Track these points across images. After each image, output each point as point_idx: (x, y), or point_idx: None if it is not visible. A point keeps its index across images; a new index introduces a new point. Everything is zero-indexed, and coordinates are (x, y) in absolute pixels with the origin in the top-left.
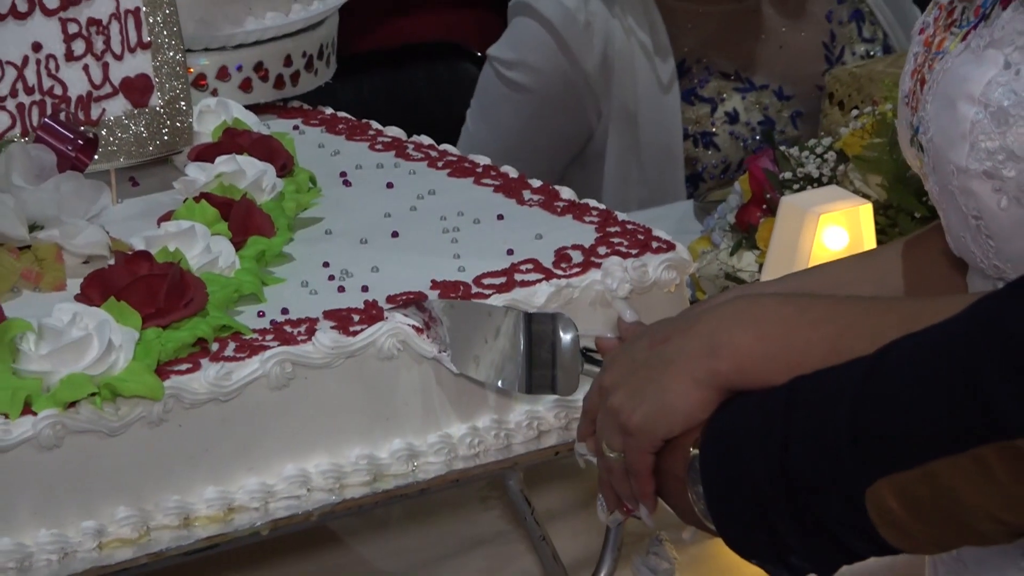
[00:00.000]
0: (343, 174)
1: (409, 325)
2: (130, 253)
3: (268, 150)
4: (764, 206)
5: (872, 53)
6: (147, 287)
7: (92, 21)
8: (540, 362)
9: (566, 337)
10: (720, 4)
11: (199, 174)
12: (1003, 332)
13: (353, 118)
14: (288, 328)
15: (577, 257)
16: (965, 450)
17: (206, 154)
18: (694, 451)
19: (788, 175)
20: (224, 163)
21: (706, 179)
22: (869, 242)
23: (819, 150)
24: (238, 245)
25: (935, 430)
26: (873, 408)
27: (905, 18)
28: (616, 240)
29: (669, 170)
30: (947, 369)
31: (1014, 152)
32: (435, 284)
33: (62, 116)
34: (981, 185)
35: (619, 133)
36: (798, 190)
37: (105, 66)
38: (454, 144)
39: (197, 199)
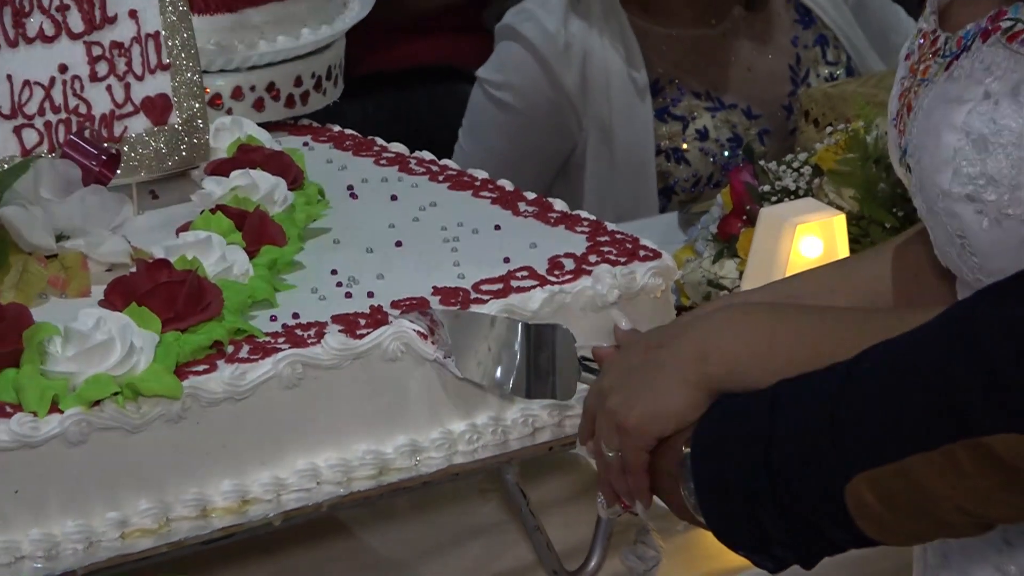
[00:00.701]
0: (350, 187)
1: (413, 330)
2: (150, 261)
3: (280, 165)
4: (744, 217)
5: (836, 75)
6: (167, 293)
7: (115, 44)
8: (540, 370)
9: (564, 347)
10: (691, 29)
11: (215, 187)
12: (971, 337)
13: (359, 135)
14: (299, 331)
15: (569, 265)
16: (936, 447)
17: (222, 169)
18: (686, 450)
19: (767, 188)
20: (238, 177)
21: (678, 192)
22: (843, 251)
23: (796, 165)
24: (252, 254)
25: (909, 428)
26: (851, 408)
27: (884, 39)
28: (606, 249)
29: (642, 183)
30: (920, 372)
31: (994, 178)
32: (436, 290)
33: (87, 133)
34: (964, 208)
35: (596, 148)
36: (776, 202)
37: (127, 86)
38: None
39: (213, 211)
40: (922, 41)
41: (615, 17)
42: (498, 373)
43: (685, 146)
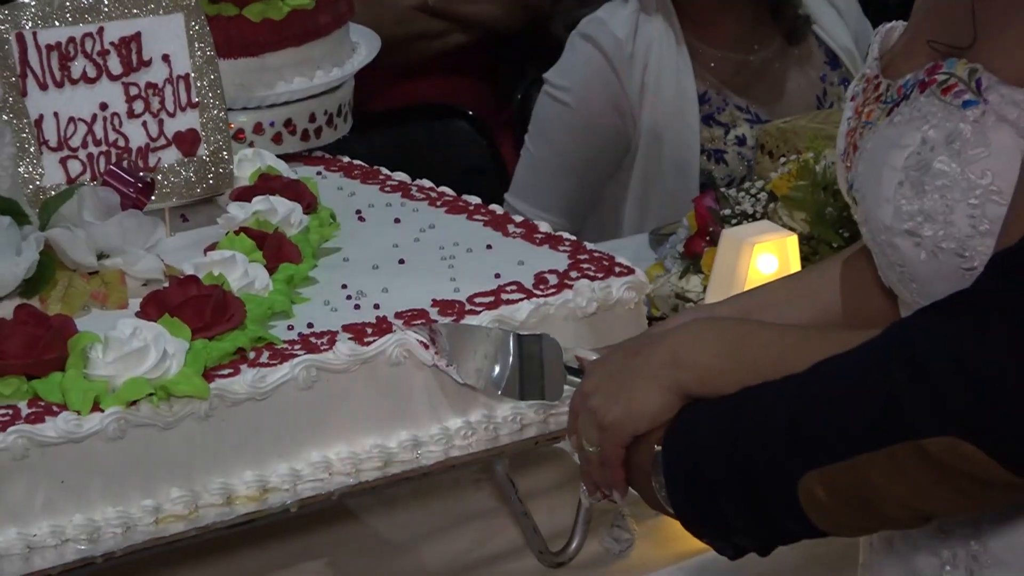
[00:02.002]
0: (358, 211)
1: (415, 339)
2: (181, 277)
3: (296, 192)
4: (708, 238)
5: None
6: (196, 305)
7: (150, 85)
8: (531, 375)
9: (551, 354)
10: (738, 53)
11: (239, 212)
12: (910, 351)
13: (366, 165)
14: (313, 339)
15: (553, 280)
16: (880, 448)
17: (244, 195)
18: (658, 447)
19: (727, 212)
20: (259, 203)
21: (715, 188)
22: (795, 267)
23: (753, 191)
24: (271, 270)
25: (856, 431)
26: (805, 413)
27: None
28: (585, 266)
29: (686, 180)
30: (866, 381)
31: (930, 215)
32: (435, 302)
33: (125, 164)
34: (904, 241)
35: (647, 146)
36: (736, 224)
37: (160, 122)
38: (451, 188)
39: (237, 232)
40: (866, 85)
41: (675, 36)
42: (493, 377)
43: (725, 148)
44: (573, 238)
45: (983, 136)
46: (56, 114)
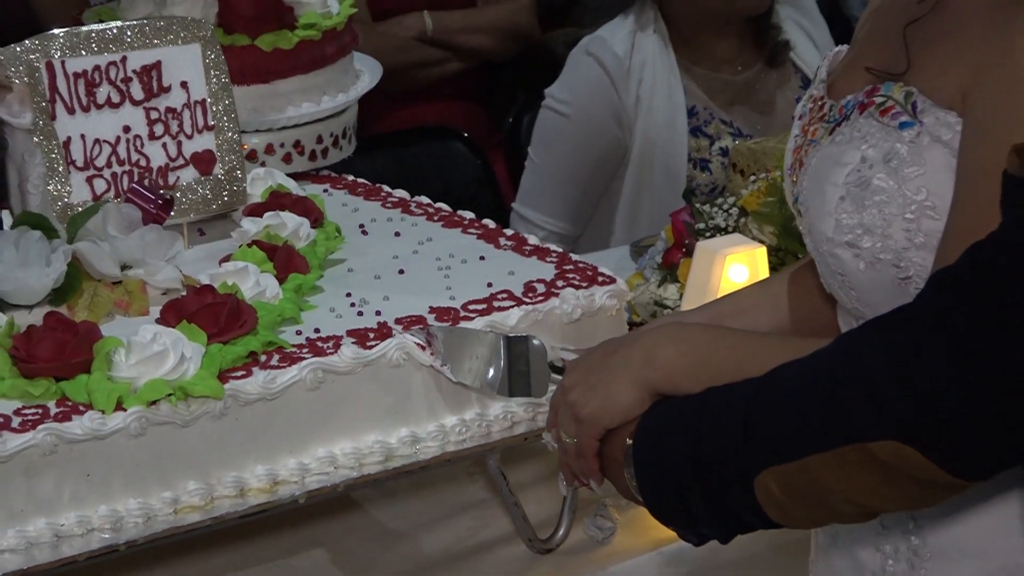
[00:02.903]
0: (361, 226)
1: (414, 342)
2: (198, 286)
3: (304, 208)
4: (684, 249)
5: None
6: (211, 312)
7: (169, 109)
8: (518, 373)
9: (537, 355)
10: (724, 73)
11: (251, 226)
12: (858, 361)
13: (369, 183)
14: (319, 343)
15: (541, 288)
16: (830, 449)
17: (256, 211)
18: (629, 441)
19: (702, 226)
20: (270, 218)
21: (698, 195)
22: (764, 276)
23: (725, 207)
24: (281, 280)
25: (807, 434)
26: (761, 415)
27: None
28: (570, 275)
29: (674, 186)
30: (817, 387)
31: (869, 228)
32: (432, 309)
33: (146, 182)
34: (844, 251)
35: (640, 154)
36: (709, 237)
37: (179, 144)
38: (448, 203)
39: (249, 245)
40: (812, 105)
41: (667, 55)
42: (486, 377)
43: (710, 157)
44: (560, 250)
45: (919, 155)
46: (83, 136)
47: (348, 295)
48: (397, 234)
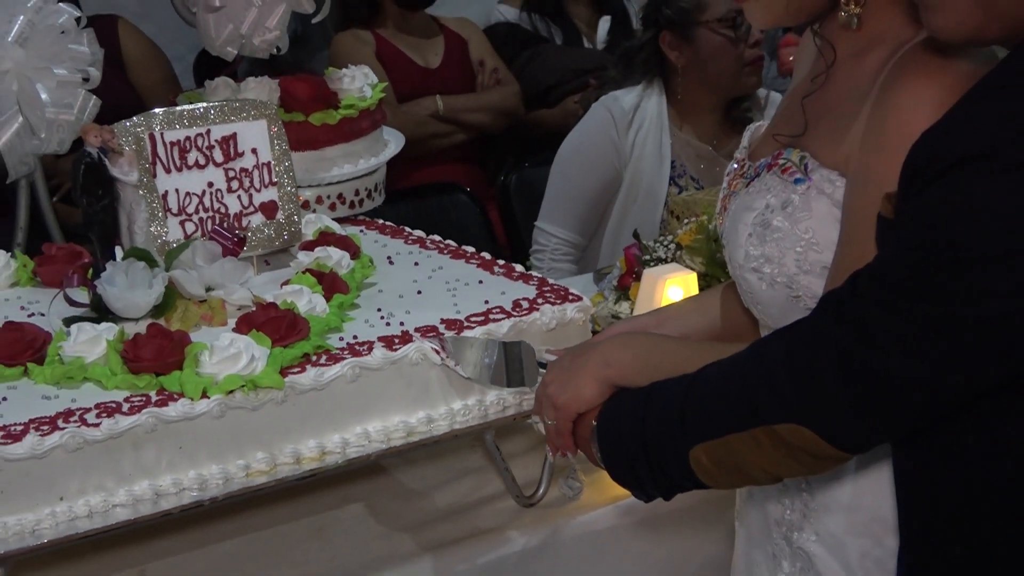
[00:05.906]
0: (388, 258)
1: (429, 347)
2: (264, 304)
3: (345, 244)
4: (634, 275)
5: None
6: (274, 323)
7: (243, 169)
8: (514, 369)
9: (527, 355)
10: (703, 144)
11: (305, 258)
12: (766, 361)
13: (394, 225)
14: (357, 347)
15: (525, 305)
16: (745, 430)
17: (309, 246)
18: (594, 423)
19: (647, 257)
20: (319, 251)
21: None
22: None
23: (665, 243)
24: (328, 299)
25: (728, 418)
26: (692, 403)
27: None
28: (548, 295)
29: (654, 210)
30: (734, 380)
31: (769, 258)
32: (443, 320)
33: (225, 225)
34: (751, 276)
35: (629, 184)
36: (653, 265)
37: (250, 195)
38: (454, 241)
39: (304, 272)
40: (736, 166)
41: (661, 119)
42: (488, 373)
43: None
44: (540, 276)
45: (808, 204)
46: (177, 190)
47: (379, 310)
48: (416, 264)
